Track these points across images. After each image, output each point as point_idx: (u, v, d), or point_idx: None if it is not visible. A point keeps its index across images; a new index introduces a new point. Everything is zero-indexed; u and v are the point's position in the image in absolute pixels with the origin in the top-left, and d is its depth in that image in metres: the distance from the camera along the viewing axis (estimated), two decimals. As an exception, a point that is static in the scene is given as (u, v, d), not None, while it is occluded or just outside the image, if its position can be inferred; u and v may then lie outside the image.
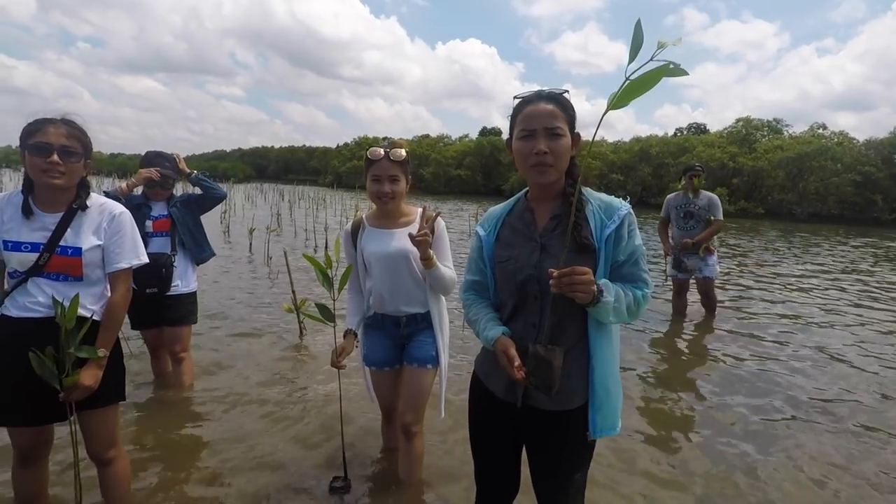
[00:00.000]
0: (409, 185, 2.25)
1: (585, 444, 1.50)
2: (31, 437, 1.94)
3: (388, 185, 2.17)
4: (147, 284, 3.04)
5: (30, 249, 1.80)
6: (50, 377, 1.72)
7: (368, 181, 2.21)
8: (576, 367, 1.45)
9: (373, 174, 2.19)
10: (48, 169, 1.75)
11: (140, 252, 2.00)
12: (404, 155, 2.19)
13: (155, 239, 3.18)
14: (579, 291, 1.29)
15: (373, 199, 2.23)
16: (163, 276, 3.13)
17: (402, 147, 2.21)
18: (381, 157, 2.17)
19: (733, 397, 3.73)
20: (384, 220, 2.29)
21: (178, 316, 3.28)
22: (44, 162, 1.74)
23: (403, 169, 2.20)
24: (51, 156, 1.75)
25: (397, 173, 2.18)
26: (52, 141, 1.76)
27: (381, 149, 2.18)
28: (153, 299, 3.13)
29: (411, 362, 2.30)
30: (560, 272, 1.29)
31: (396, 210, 2.28)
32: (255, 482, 2.48)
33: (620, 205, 1.45)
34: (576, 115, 1.49)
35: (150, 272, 2.99)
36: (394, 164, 2.17)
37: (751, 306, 6.68)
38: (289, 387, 3.64)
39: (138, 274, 2.83)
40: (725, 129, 39.70)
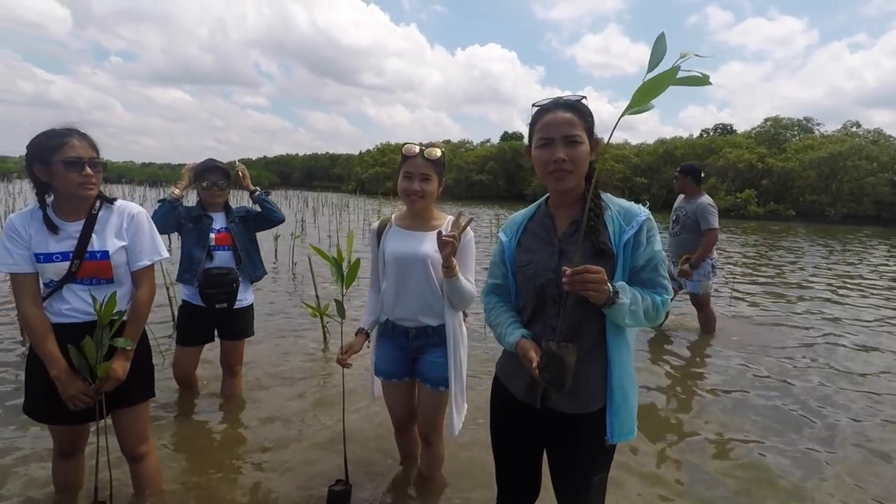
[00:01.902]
0: (441, 188, 2.19)
1: (604, 448, 1.50)
2: (69, 433, 2.08)
3: (419, 183, 2.11)
4: (217, 300, 3.06)
5: (61, 259, 1.89)
6: (84, 369, 1.82)
7: (400, 178, 2.15)
8: (594, 370, 1.46)
9: (405, 171, 2.13)
10: (84, 182, 1.84)
11: (160, 248, 2.08)
12: (439, 154, 2.14)
13: (219, 252, 3.13)
14: (591, 290, 1.31)
15: (402, 197, 2.17)
16: (232, 290, 3.11)
17: (439, 148, 2.16)
18: (416, 154, 2.12)
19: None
20: (412, 220, 2.24)
21: (239, 329, 3.26)
22: (79, 176, 1.82)
23: (437, 169, 2.14)
24: (84, 169, 1.83)
25: (430, 172, 2.12)
26: (82, 154, 1.84)
27: (417, 146, 2.14)
28: (219, 314, 3.12)
29: (424, 382, 2.25)
30: (573, 270, 1.31)
31: (425, 212, 2.21)
32: (259, 483, 2.54)
33: (640, 211, 1.47)
34: (594, 121, 1.51)
35: (221, 287, 3.04)
36: (427, 162, 2.11)
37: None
38: (303, 392, 3.70)
39: (208, 289, 2.99)
40: (753, 130, 38.87)
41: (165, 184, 48.04)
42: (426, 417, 2.31)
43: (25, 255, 1.87)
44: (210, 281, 3.03)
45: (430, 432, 2.34)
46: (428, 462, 2.48)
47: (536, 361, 1.40)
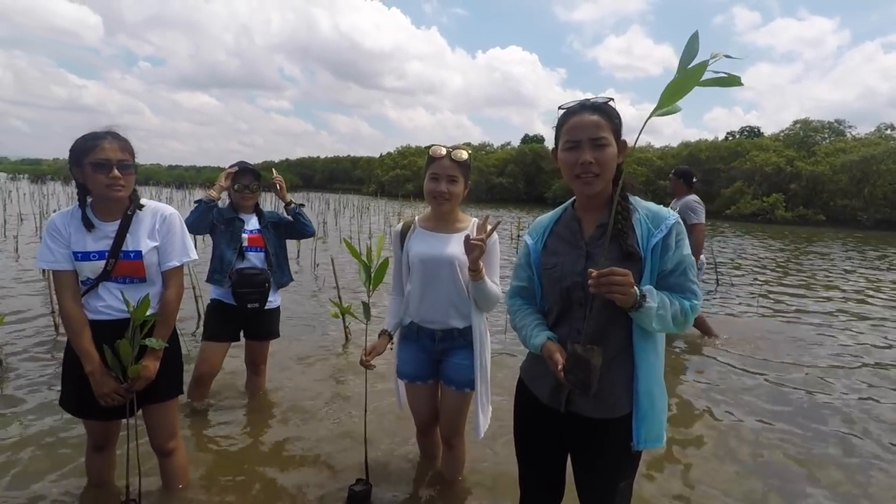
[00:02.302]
0: (467, 190, 2.19)
1: (630, 455, 1.48)
2: (103, 428, 2.15)
3: (446, 185, 2.10)
4: (249, 299, 3.07)
5: (97, 257, 1.95)
6: (116, 369, 1.87)
7: (427, 179, 2.15)
8: (620, 375, 1.45)
9: (432, 172, 2.13)
10: (112, 184, 1.88)
11: (189, 250, 2.12)
12: (466, 157, 2.13)
13: (251, 253, 3.16)
14: (617, 293, 1.29)
15: (428, 199, 2.16)
16: (265, 290, 3.13)
17: (466, 150, 2.17)
18: (443, 156, 2.11)
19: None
20: (436, 222, 2.23)
21: (266, 330, 3.29)
22: (106, 178, 1.87)
23: (463, 171, 2.14)
24: (112, 171, 1.87)
25: (456, 174, 2.12)
26: (111, 157, 1.88)
27: (444, 147, 2.13)
28: (249, 314, 3.13)
29: (449, 384, 2.24)
30: (598, 272, 1.30)
31: (451, 214, 2.21)
32: (280, 481, 2.57)
33: (668, 214, 1.45)
34: (622, 123, 1.49)
35: (253, 287, 3.07)
36: (454, 163, 2.11)
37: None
38: (326, 391, 3.73)
39: (241, 288, 3.02)
40: (782, 133, 37.96)
41: (191, 186, 49.12)
42: (449, 420, 2.31)
43: (66, 253, 1.93)
44: (243, 280, 3.06)
45: (452, 435, 2.34)
46: (449, 465, 2.47)
47: (562, 364, 1.40)
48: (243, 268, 3.09)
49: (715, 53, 1.10)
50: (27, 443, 2.77)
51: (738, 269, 10.81)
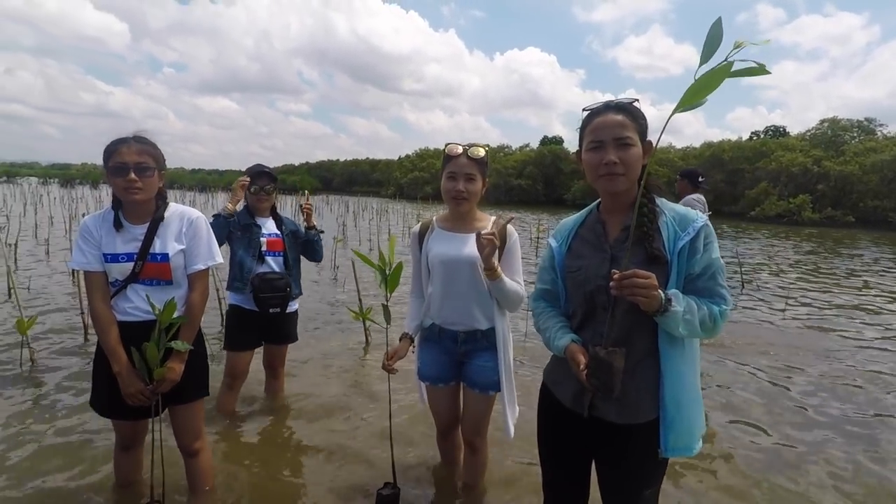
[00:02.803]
0: (485, 188, 2.15)
1: (656, 462, 1.45)
2: (131, 428, 2.19)
3: (464, 184, 2.06)
4: (271, 304, 3.06)
5: (126, 259, 1.99)
6: (142, 370, 1.91)
7: (444, 179, 2.11)
8: (644, 380, 1.42)
9: (449, 171, 2.09)
10: (128, 187, 1.92)
11: (215, 254, 2.15)
12: (483, 154, 2.09)
13: (270, 258, 3.14)
14: (640, 295, 1.27)
15: (446, 198, 2.12)
16: (286, 294, 3.12)
17: (483, 147, 2.11)
18: (459, 154, 2.08)
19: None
20: (455, 223, 2.18)
21: (284, 334, 3.30)
22: (123, 181, 1.91)
23: (481, 169, 2.10)
24: (128, 174, 1.91)
25: (474, 172, 2.07)
26: (127, 160, 1.91)
27: (460, 145, 2.10)
28: (269, 318, 3.11)
29: (472, 387, 2.21)
30: (621, 274, 1.28)
31: (469, 213, 2.17)
32: (306, 484, 2.57)
33: (696, 216, 1.41)
34: (647, 124, 1.47)
35: (275, 291, 3.05)
36: (471, 161, 2.07)
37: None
38: (349, 393, 3.75)
39: (262, 293, 3.01)
40: (808, 132, 37.13)
41: (213, 189, 50.02)
42: (473, 423, 2.28)
43: (97, 254, 1.98)
44: (265, 285, 3.04)
45: (475, 439, 2.31)
46: (471, 469, 2.43)
47: (584, 364, 1.38)
48: (264, 272, 3.08)
49: (739, 42, 1.06)
50: (57, 441, 2.84)
51: (765, 270, 10.58)
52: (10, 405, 3.26)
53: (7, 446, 2.76)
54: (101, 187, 44.41)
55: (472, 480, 2.46)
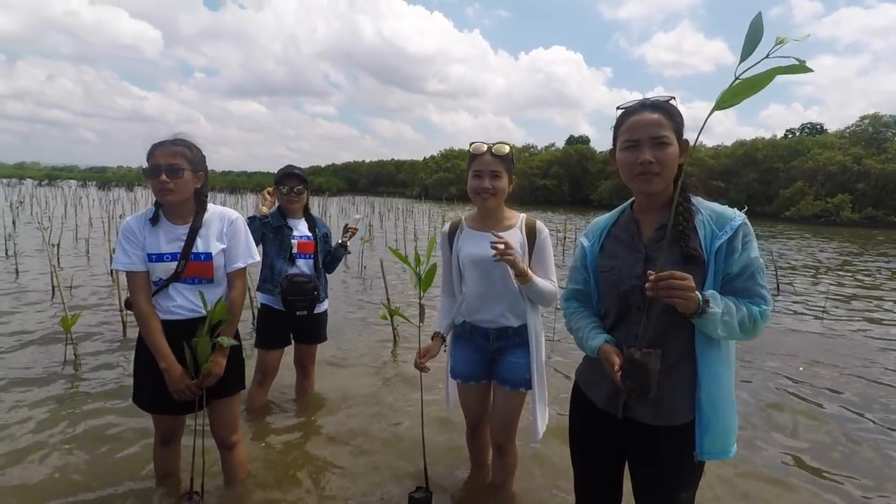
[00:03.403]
0: (512, 185, 2.15)
1: (692, 465, 1.43)
2: (170, 423, 2.26)
3: (489, 181, 2.07)
4: (298, 306, 3.09)
5: (170, 259, 2.06)
6: (190, 365, 1.98)
7: (470, 177, 2.13)
8: (681, 381, 1.40)
9: (474, 170, 2.11)
10: (160, 188, 1.98)
11: (253, 252, 2.22)
12: (507, 150, 2.09)
13: (301, 260, 3.16)
14: (677, 297, 1.25)
15: (472, 197, 2.14)
16: (314, 298, 3.15)
17: (507, 144, 2.12)
18: (484, 152, 2.09)
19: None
20: (484, 221, 2.20)
21: (314, 334, 3.34)
22: (156, 182, 1.98)
23: (506, 166, 2.10)
24: (160, 175, 1.97)
25: (499, 169, 2.08)
26: (160, 162, 1.98)
27: (484, 144, 2.11)
28: (298, 318, 3.14)
29: (503, 384, 2.20)
30: (656, 276, 1.26)
31: (497, 211, 2.17)
32: (338, 484, 2.59)
33: (734, 215, 1.39)
34: (683, 122, 1.45)
35: (303, 294, 3.07)
36: (496, 159, 2.08)
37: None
38: (378, 393, 3.77)
39: (290, 296, 3.04)
40: (847, 129, 35.82)
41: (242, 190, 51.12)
42: (501, 423, 2.26)
43: (140, 255, 2.05)
44: (293, 288, 3.07)
45: (504, 440, 2.30)
46: (500, 471, 2.42)
47: (619, 364, 1.37)
48: (293, 274, 3.10)
49: (781, 37, 1.02)
50: (98, 435, 2.95)
51: (802, 273, 10.25)
52: (56, 401, 3.40)
53: (53, 439, 2.88)
54: (136, 189, 45.79)
55: (502, 482, 2.43)
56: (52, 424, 3.05)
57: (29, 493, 2.38)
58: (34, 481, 2.47)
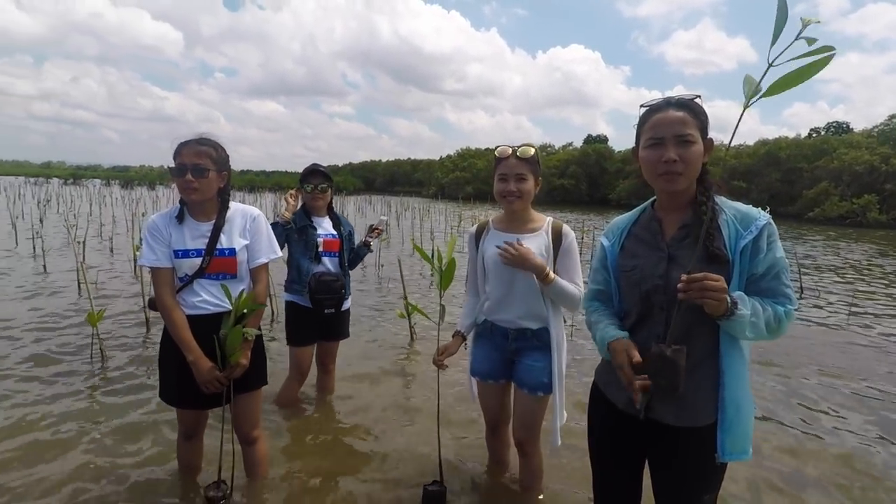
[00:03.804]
0: (538, 187, 2.16)
1: (714, 466, 1.41)
2: (194, 418, 2.31)
3: (514, 184, 2.08)
4: (326, 304, 3.12)
5: (195, 255, 2.10)
6: (219, 358, 2.03)
7: (496, 181, 2.14)
8: (704, 382, 1.38)
9: (500, 172, 2.12)
10: (185, 187, 2.02)
11: (275, 248, 2.27)
12: (532, 153, 2.10)
13: (326, 258, 3.18)
14: (710, 299, 1.23)
15: (499, 200, 2.15)
16: (341, 296, 3.19)
17: (533, 147, 2.13)
18: (509, 155, 2.10)
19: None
20: (509, 223, 2.21)
21: (338, 331, 3.35)
22: (182, 181, 2.02)
23: (532, 168, 2.10)
24: (185, 174, 2.01)
25: (524, 172, 2.09)
26: (186, 162, 2.02)
27: (510, 147, 2.12)
28: (325, 316, 3.17)
29: (521, 386, 2.20)
30: (690, 277, 1.24)
31: (523, 213, 2.19)
32: (355, 477, 2.62)
33: (759, 215, 1.37)
34: (708, 121, 1.43)
35: (331, 293, 3.10)
36: (521, 161, 2.08)
37: None
38: (396, 389, 3.81)
39: (318, 294, 3.07)
40: (875, 128, 34.96)
41: (261, 189, 51.78)
42: (522, 424, 2.25)
43: (166, 251, 2.09)
44: (322, 286, 3.09)
45: (526, 441, 2.28)
46: (525, 473, 2.38)
47: (635, 359, 1.37)
48: (321, 272, 3.13)
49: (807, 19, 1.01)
50: (124, 430, 3.01)
51: (827, 276, 10.03)
52: (82, 394, 3.49)
53: (79, 432, 2.95)
54: (158, 188, 46.66)
55: (527, 485, 2.40)
56: (78, 417, 3.13)
57: (55, 484, 2.44)
58: (60, 473, 2.54)
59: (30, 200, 23.41)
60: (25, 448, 2.76)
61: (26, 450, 2.74)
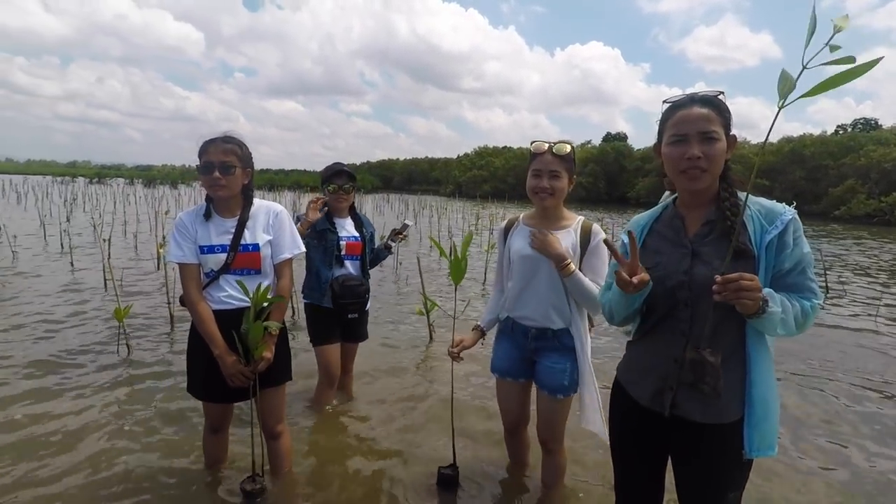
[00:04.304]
0: (572, 185, 2.13)
1: (740, 463, 1.40)
2: (220, 411, 2.36)
3: (548, 180, 2.06)
4: (350, 309, 3.06)
5: (220, 251, 2.15)
6: (243, 352, 2.07)
7: (529, 176, 2.13)
8: (731, 378, 1.37)
9: (534, 168, 2.10)
10: (212, 184, 2.07)
11: (299, 243, 2.30)
12: (568, 150, 2.07)
13: (349, 261, 3.10)
14: (746, 299, 1.22)
15: (531, 196, 2.14)
16: (365, 301, 3.13)
17: (569, 144, 2.11)
18: (544, 151, 2.08)
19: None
20: (540, 220, 2.19)
21: (359, 333, 3.30)
22: (209, 178, 2.06)
23: (566, 166, 2.08)
24: (213, 172, 2.05)
25: (559, 169, 2.06)
26: (213, 159, 2.06)
27: (546, 142, 2.10)
28: (347, 320, 3.13)
29: (542, 388, 2.20)
30: (725, 278, 1.24)
31: (555, 211, 2.16)
32: (371, 463, 2.71)
33: (784, 210, 1.36)
34: (731, 117, 1.43)
35: (355, 297, 3.04)
36: (556, 158, 2.06)
37: None
38: (411, 383, 3.85)
39: (342, 299, 2.99)
40: (905, 124, 33.86)
41: (280, 188, 52.38)
42: (545, 423, 2.25)
43: (192, 248, 2.14)
44: (346, 291, 3.01)
45: (549, 439, 2.27)
46: (547, 470, 2.37)
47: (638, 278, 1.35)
48: (344, 277, 3.04)
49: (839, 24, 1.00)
50: (151, 423, 3.08)
51: (853, 276, 9.79)
52: (109, 388, 3.57)
53: (108, 422, 3.03)
54: (180, 187, 47.47)
55: (549, 481, 2.40)
56: (106, 411, 3.21)
57: (88, 476, 2.50)
58: (88, 462, 2.61)
59: (57, 199, 24.02)
60: (54, 437, 2.84)
61: (55, 438, 2.82)
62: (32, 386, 3.51)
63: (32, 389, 3.45)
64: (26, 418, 3.04)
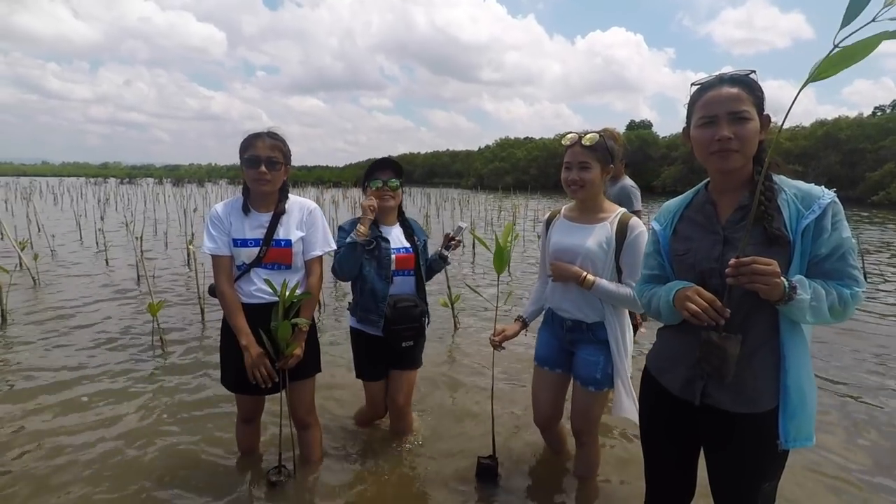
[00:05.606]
0: (608, 175, 2.10)
1: (775, 454, 1.37)
2: (252, 403, 2.41)
3: (577, 173, 2.04)
4: (404, 337, 2.51)
5: (253, 244, 2.18)
6: (273, 349, 2.11)
7: (562, 169, 2.13)
8: (763, 367, 1.34)
9: (565, 161, 2.10)
10: (258, 178, 2.10)
11: (330, 241, 2.33)
12: (597, 139, 2.03)
13: (399, 277, 2.53)
14: (760, 283, 1.19)
15: (565, 188, 2.13)
16: (421, 325, 2.57)
17: (599, 133, 2.07)
18: (574, 143, 2.06)
19: None
20: (578, 213, 2.19)
21: (412, 358, 2.65)
22: (255, 172, 2.09)
23: (598, 156, 2.04)
24: (260, 167, 2.08)
25: (588, 160, 2.03)
26: (260, 154, 2.09)
27: (576, 134, 2.08)
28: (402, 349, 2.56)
29: (576, 378, 2.20)
30: (738, 262, 1.20)
31: (592, 203, 2.14)
32: (411, 452, 2.72)
33: (822, 193, 1.31)
34: (764, 96, 1.38)
35: (410, 321, 2.49)
36: (585, 149, 2.03)
37: None
38: (450, 374, 3.86)
39: (395, 325, 2.44)
40: (948, 103, 32.34)
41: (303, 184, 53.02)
42: (579, 414, 2.24)
43: (226, 240, 2.18)
44: (399, 315, 2.47)
45: (582, 431, 2.27)
46: (581, 462, 2.38)
47: (699, 305, 1.28)
48: (396, 298, 2.50)
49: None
50: (185, 414, 3.16)
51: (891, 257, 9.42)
52: (144, 380, 3.68)
53: (141, 417, 3.12)
54: (206, 185, 48.44)
55: (582, 474, 2.41)
56: (140, 402, 3.30)
57: (121, 468, 2.57)
58: (125, 451, 2.70)
59: (91, 199, 24.82)
60: (92, 426, 2.95)
61: (93, 428, 2.93)
62: (71, 377, 3.63)
63: (70, 380, 3.58)
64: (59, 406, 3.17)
